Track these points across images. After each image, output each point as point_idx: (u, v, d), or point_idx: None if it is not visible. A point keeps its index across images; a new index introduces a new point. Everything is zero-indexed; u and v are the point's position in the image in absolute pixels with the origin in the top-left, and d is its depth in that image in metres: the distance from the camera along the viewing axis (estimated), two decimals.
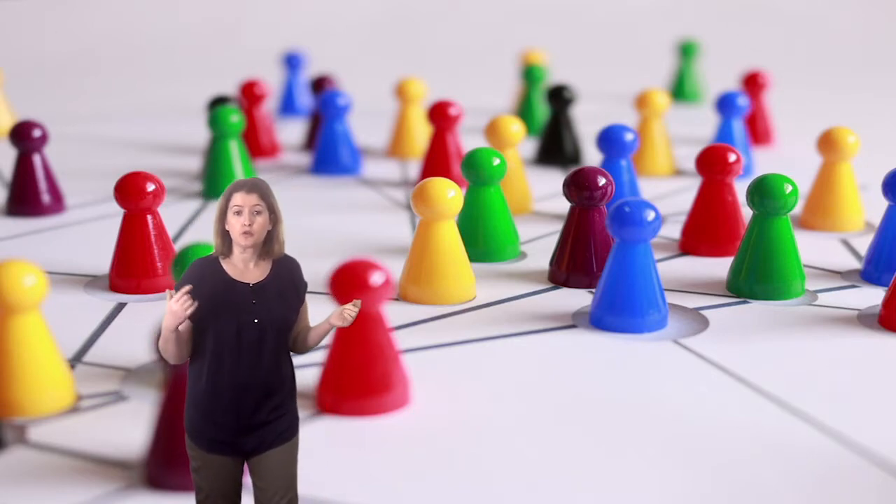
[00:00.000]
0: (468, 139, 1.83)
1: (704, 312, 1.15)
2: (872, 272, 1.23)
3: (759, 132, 2.02)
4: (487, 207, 1.31)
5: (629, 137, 1.47)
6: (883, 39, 3.47)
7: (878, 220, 1.29)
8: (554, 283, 1.24)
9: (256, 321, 0.67)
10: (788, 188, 1.17)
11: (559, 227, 1.36)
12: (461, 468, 0.83)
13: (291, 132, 2.15)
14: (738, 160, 1.33)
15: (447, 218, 1.17)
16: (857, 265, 1.30)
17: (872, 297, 1.19)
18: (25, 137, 1.50)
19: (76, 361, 1.02)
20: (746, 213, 1.25)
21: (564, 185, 1.22)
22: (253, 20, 3.58)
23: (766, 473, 0.81)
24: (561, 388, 0.97)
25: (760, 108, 2.04)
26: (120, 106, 2.54)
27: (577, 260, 1.22)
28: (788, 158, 1.89)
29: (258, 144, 1.90)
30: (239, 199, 0.67)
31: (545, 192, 1.63)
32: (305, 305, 0.70)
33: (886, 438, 0.87)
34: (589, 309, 1.13)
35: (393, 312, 1.10)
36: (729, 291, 1.20)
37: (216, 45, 3.40)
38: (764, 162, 1.83)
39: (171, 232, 1.37)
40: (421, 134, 1.91)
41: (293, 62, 2.38)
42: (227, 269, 0.68)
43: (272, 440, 0.68)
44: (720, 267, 1.28)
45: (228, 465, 0.69)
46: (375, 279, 0.90)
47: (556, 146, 1.87)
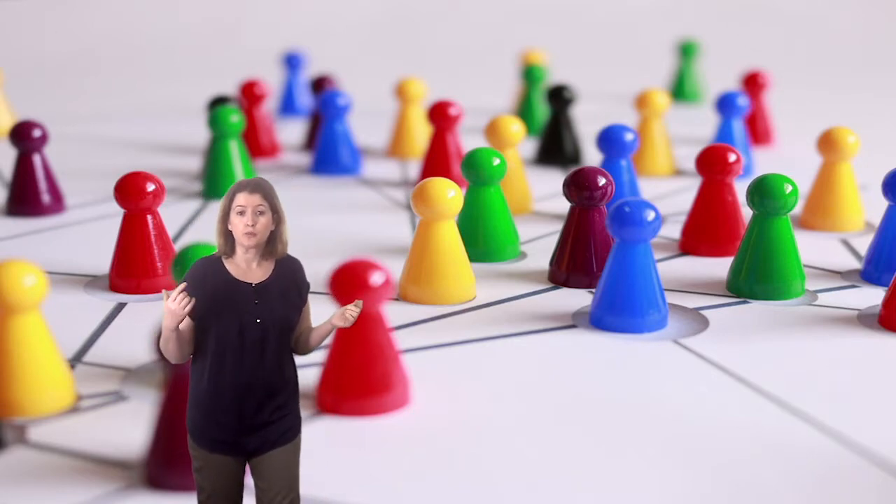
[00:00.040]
0: (468, 139, 1.83)
1: (704, 312, 1.15)
2: (872, 272, 1.23)
3: (759, 132, 2.02)
4: (487, 207, 1.31)
5: (629, 137, 1.47)
6: (883, 39, 3.47)
7: (878, 220, 1.29)
8: (554, 283, 1.24)
9: (259, 321, 0.67)
10: (788, 188, 1.17)
11: (559, 227, 1.36)
12: (461, 468, 0.83)
13: (291, 132, 2.15)
14: (738, 160, 1.33)
15: (447, 218, 1.17)
16: (857, 265, 1.30)
17: (872, 297, 1.19)
18: (25, 137, 1.50)
19: (76, 361, 1.02)
20: (746, 213, 1.25)
21: (564, 185, 1.22)
22: (253, 20, 3.58)
23: (766, 473, 0.81)
24: (561, 388, 0.97)
25: (760, 108, 2.04)
26: (120, 106, 2.54)
27: (577, 260, 1.22)
28: (788, 158, 1.89)
29: (258, 144, 1.90)
30: (242, 199, 0.67)
31: (545, 192, 1.63)
32: (308, 306, 0.70)
33: (886, 438, 0.87)
34: (589, 309, 1.13)
35: (393, 312, 1.10)
36: (729, 291, 1.20)
37: (216, 45, 3.40)
38: (764, 162, 1.83)
39: (171, 232, 1.37)
40: (421, 134, 1.91)
41: (293, 62, 2.38)
42: (229, 268, 0.68)
43: (275, 440, 0.68)
44: (720, 267, 1.28)
45: (230, 465, 0.68)
46: (375, 279, 0.90)
47: (556, 146, 1.87)
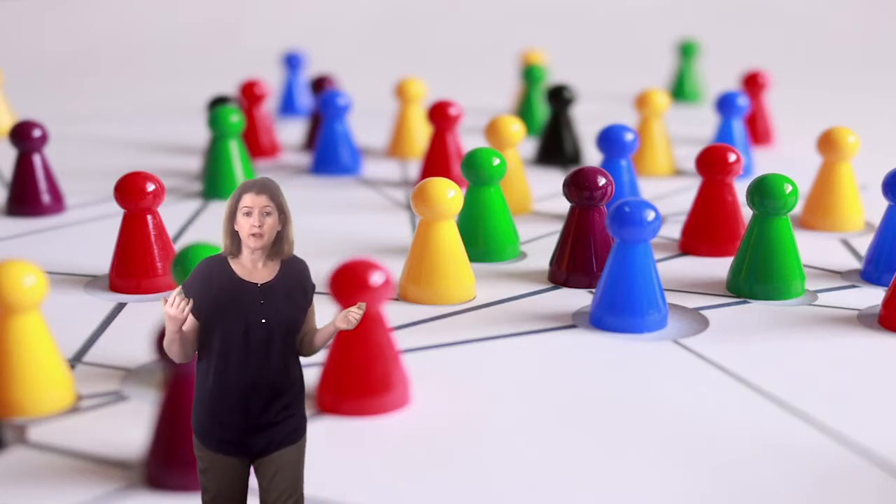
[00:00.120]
0: (468, 139, 1.83)
1: (704, 312, 1.15)
2: (872, 272, 1.23)
3: (759, 132, 2.02)
4: (487, 207, 1.31)
5: (629, 137, 1.47)
6: (883, 39, 3.47)
7: (878, 220, 1.29)
8: (554, 283, 1.24)
9: (264, 321, 0.67)
10: (788, 188, 1.17)
11: (559, 227, 1.36)
12: (461, 468, 0.83)
13: (291, 132, 2.15)
14: (738, 160, 1.33)
15: (447, 218, 1.17)
16: (857, 265, 1.30)
17: (872, 297, 1.19)
18: (25, 137, 1.50)
19: (76, 361, 1.02)
20: (746, 213, 1.25)
21: (564, 185, 1.22)
22: (253, 20, 3.58)
23: (766, 473, 0.81)
24: (561, 388, 0.97)
25: (760, 108, 2.04)
26: (120, 106, 2.54)
27: (577, 260, 1.22)
28: (788, 158, 1.89)
29: (258, 144, 1.90)
30: (249, 200, 0.67)
31: (545, 192, 1.63)
32: (313, 307, 0.70)
33: (886, 438, 0.87)
34: (589, 309, 1.13)
35: (393, 312, 1.10)
36: (729, 291, 1.20)
37: (216, 45, 3.40)
38: (764, 162, 1.83)
39: (171, 232, 1.37)
40: (421, 134, 1.91)
41: (293, 62, 2.38)
42: (235, 268, 0.68)
43: (280, 441, 0.68)
44: (720, 267, 1.28)
45: (235, 465, 0.68)
46: (375, 279, 0.90)
47: (556, 146, 1.87)
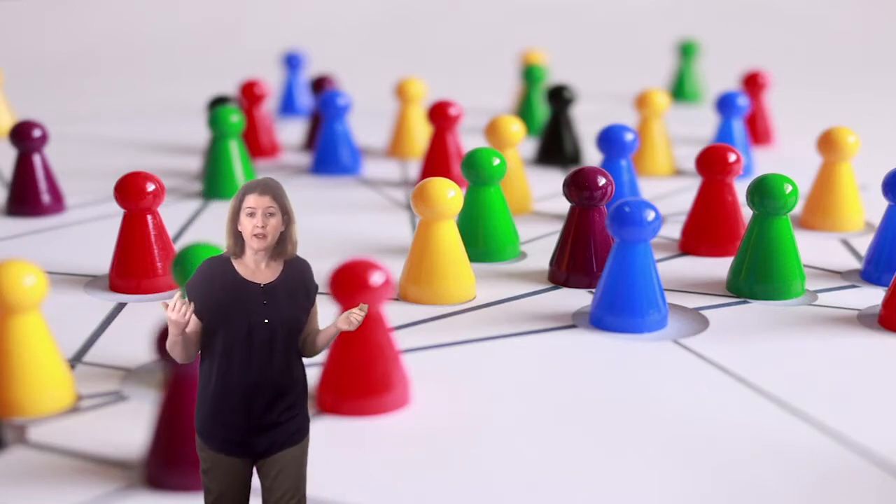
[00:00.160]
0: (468, 139, 1.83)
1: (704, 312, 1.15)
2: (872, 272, 1.23)
3: (759, 132, 2.02)
4: (487, 207, 1.31)
5: (629, 137, 1.47)
6: (883, 39, 3.47)
7: (878, 220, 1.29)
8: (554, 283, 1.24)
9: (267, 321, 0.67)
10: (788, 188, 1.17)
11: (559, 227, 1.36)
12: (461, 468, 0.83)
13: (291, 132, 2.15)
14: (738, 160, 1.33)
15: (447, 218, 1.17)
16: (857, 265, 1.30)
17: (872, 297, 1.19)
18: (25, 137, 1.50)
19: (76, 361, 1.02)
20: (746, 213, 1.25)
21: (564, 185, 1.22)
22: (253, 20, 3.58)
23: (766, 473, 0.81)
24: (561, 388, 0.97)
25: (760, 108, 2.04)
26: (120, 106, 2.54)
27: (577, 260, 1.22)
28: (788, 158, 1.89)
29: (258, 144, 1.90)
30: (252, 200, 0.67)
31: (545, 192, 1.63)
32: (315, 308, 0.70)
33: (886, 438, 0.87)
34: (589, 309, 1.13)
35: (393, 312, 1.10)
36: (729, 291, 1.20)
37: (216, 45, 3.40)
38: (764, 162, 1.83)
39: (171, 232, 1.37)
40: (421, 134, 1.91)
41: (293, 62, 2.38)
42: (238, 269, 0.68)
43: (283, 441, 0.68)
44: (720, 267, 1.28)
45: (238, 466, 0.68)
46: (375, 279, 0.90)
47: (556, 146, 1.87)
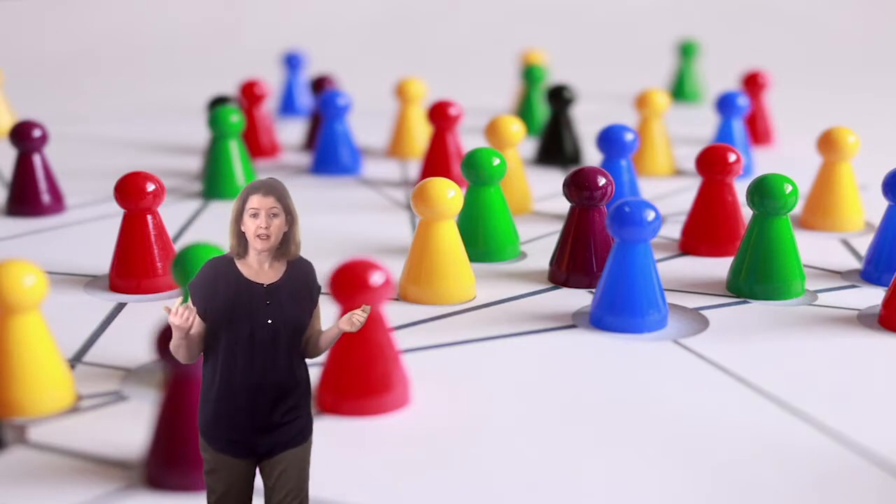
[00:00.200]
0: (468, 139, 1.83)
1: (704, 312, 1.15)
2: (872, 272, 1.23)
3: (759, 132, 2.02)
4: (487, 207, 1.31)
5: (629, 137, 1.47)
6: (883, 39, 3.47)
7: (878, 220, 1.29)
8: (554, 283, 1.24)
9: (270, 322, 0.67)
10: (788, 188, 1.17)
11: (559, 227, 1.36)
12: (461, 468, 0.83)
13: (291, 132, 2.15)
14: (738, 160, 1.33)
15: (447, 218, 1.17)
16: (857, 265, 1.30)
17: (872, 297, 1.19)
18: (25, 137, 1.50)
19: (76, 361, 1.02)
20: (746, 213, 1.25)
21: (564, 185, 1.22)
22: (253, 20, 3.58)
23: (766, 473, 0.81)
24: (561, 388, 0.97)
25: (760, 108, 2.04)
26: (120, 106, 2.54)
27: (577, 260, 1.22)
28: (788, 158, 1.89)
29: (258, 144, 1.90)
30: (255, 201, 0.67)
31: (545, 192, 1.63)
32: (318, 308, 0.70)
33: (886, 438, 0.87)
34: (589, 309, 1.13)
35: (393, 312, 1.10)
36: (729, 291, 1.20)
37: (216, 45, 3.40)
38: (764, 162, 1.83)
39: (171, 232, 1.37)
40: (421, 134, 1.91)
41: (293, 62, 2.38)
42: (241, 269, 0.68)
43: (286, 442, 0.68)
44: (720, 267, 1.28)
45: (242, 466, 0.68)
46: (375, 279, 0.90)
47: (556, 146, 1.87)
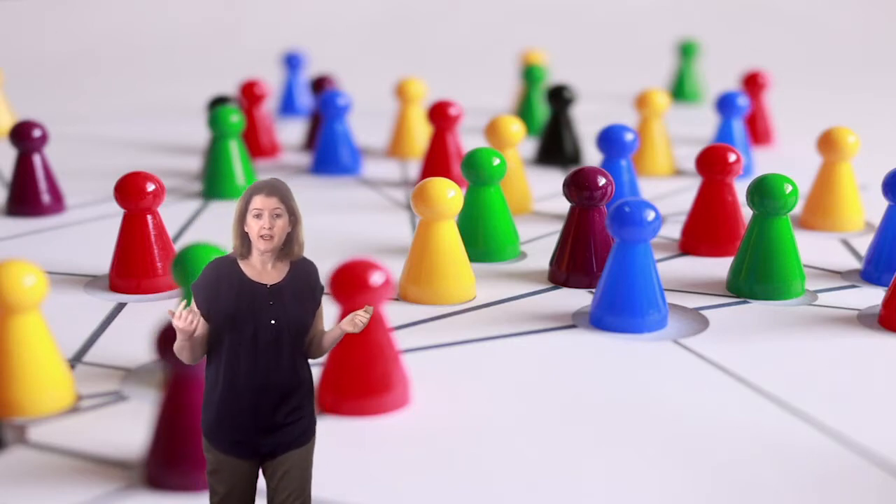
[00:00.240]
0: (468, 139, 1.83)
1: (704, 312, 1.15)
2: (872, 272, 1.23)
3: (759, 132, 2.02)
4: (487, 207, 1.31)
5: (629, 137, 1.47)
6: (883, 39, 3.47)
7: (878, 220, 1.29)
8: (554, 283, 1.24)
9: (273, 322, 0.67)
10: (788, 188, 1.17)
11: (559, 227, 1.36)
12: (461, 468, 0.83)
13: (291, 132, 2.15)
14: (738, 160, 1.33)
15: (447, 218, 1.17)
16: (857, 265, 1.30)
17: (872, 297, 1.19)
18: (25, 137, 1.50)
19: (76, 361, 1.02)
20: (746, 213, 1.25)
21: (564, 185, 1.22)
22: (253, 20, 3.58)
23: (766, 473, 0.81)
24: (561, 388, 0.97)
25: (760, 108, 2.04)
26: (120, 106, 2.54)
27: (577, 260, 1.22)
28: (788, 158, 1.89)
29: (258, 144, 1.90)
30: (258, 202, 0.67)
31: (545, 192, 1.63)
32: (321, 309, 0.70)
33: (886, 438, 0.87)
34: (589, 309, 1.13)
35: (393, 312, 1.10)
36: (729, 291, 1.20)
37: (216, 45, 3.40)
38: (764, 162, 1.83)
39: (171, 232, 1.37)
40: (421, 134, 1.91)
41: (293, 62, 2.38)
42: (245, 269, 0.68)
43: (289, 443, 0.68)
44: (720, 267, 1.28)
45: (245, 467, 0.68)
46: (375, 279, 0.90)
47: (556, 146, 1.87)
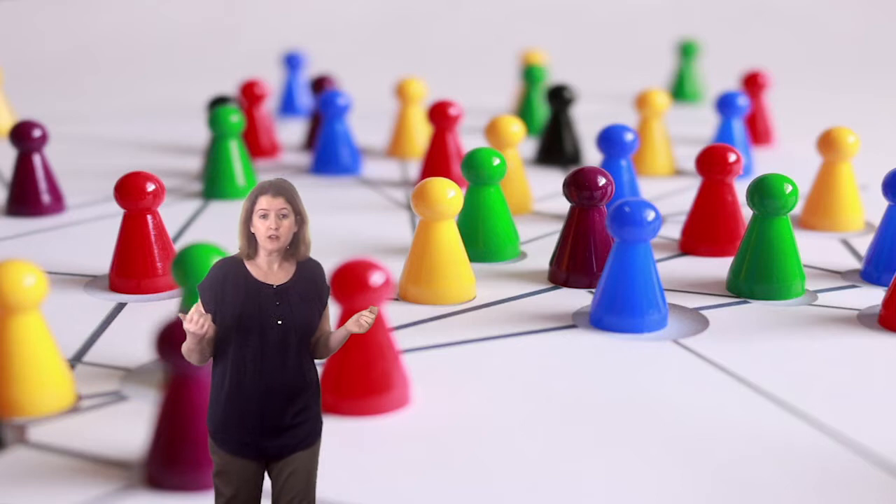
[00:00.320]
0: (468, 139, 1.83)
1: (704, 312, 1.15)
2: (872, 272, 1.23)
3: (759, 132, 2.02)
4: (487, 207, 1.31)
5: (629, 137, 1.47)
6: (883, 39, 3.47)
7: (878, 220, 1.29)
8: (554, 283, 1.24)
9: (280, 323, 0.67)
10: (788, 188, 1.17)
11: (559, 227, 1.36)
12: (461, 468, 0.83)
13: (291, 132, 2.15)
14: (738, 160, 1.33)
15: (447, 218, 1.17)
16: (857, 265, 1.30)
17: (872, 297, 1.19)
18: (25, 137, 1.50)
19: (76, 361, 1.02)
20: (746, 213, 1.25)
21: (564, 185, 1.22)
22: (253, 20, 3.58)
23: (766, 473, 0.81)
24: (561, 388, 0.97)
25: (760, 108, 2.04)
26: (120, 106, 2.54)
27: (577, 260, 1.22)
28: (788, 158, 1.89)
29: (258, 144, 1.90)
30: (265, 202, 0.67)
31: (545, 192, 1.63)
32: (327, 309, 0.70)
33: (886, 438, 0.87)
34: (589, 309, 1.13)
35: (393, 312, 1.10)
36: (729, 291, 1.20)
37: (216, 45, 3.40)
38: (764, 162, 1.83)
39: (171, 232, 1.37)
40: (421, 134, 1.91)
41: (293, 62, 2.38)
42: (251, 270, 0.68)
43: (295, 444, 0.68)
44: (720, 267, 1.28)
45: (251, 469, 0.68)
46: (375, 279, 0.90)
47: (556, 146, 1.87)
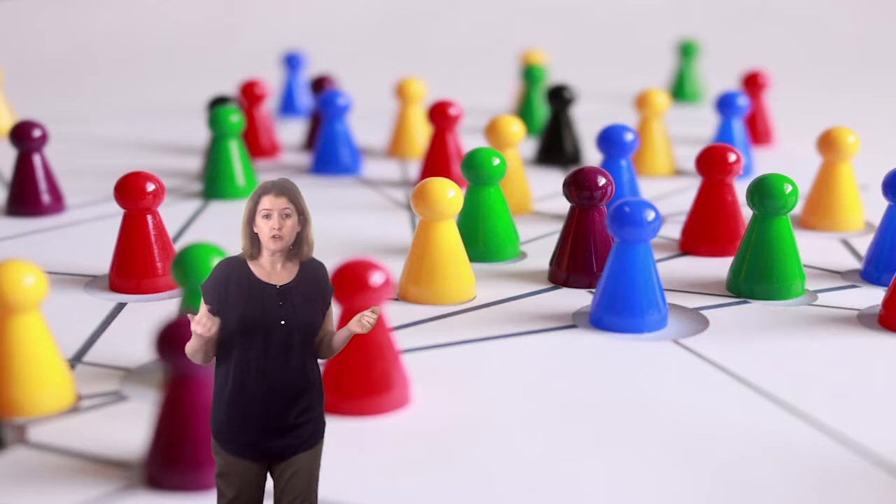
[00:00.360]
0: (468, 139, 1.83)
1: (704, 312, 1.15)
2: (872, 272, 1.23)
3: (759, 132, 2.02)
4: (487, 207, 1.31)
5: (629, 137, 1.47)
6: (883, 39, 3.47)
7: (878, 220, 1.29)
8: (554, 283, 1.24)
9: (283, 323, 0.67)
10: (788, 188, 1.17)
11: (559, 227, 1.36)
12: (461, 468, 0.83)
13: (291, 132, 2.15)
14: (738, 160, 1.33)
15: (447, 218, 1.17)
16: (857, 265, 1.30)
17: (872, 297, 1.19)
18: (25, 137, 1.50)
19: (76, 361, 1.02)
20: (746, 213, 1.25)
21: (564, 185, 1.22)
22: (253, 20, 3.58)
23: (766, 473, 0.81)
24: (561, 388, 0.97)
25: (760, 108, 2.04)
26: (120, 106, 2.54)
27: (577, 260, 1.22)
28: (788, 158, 1.89)
29: (258, 144, 1.90)
30: (268, 202, 0.67)
31: (545, 192, 1.63)
32: (331, 310, 0.70)
33: (886, 438, 0.87)
34: (589, 309, 1.13)
35: (393, 312, 1.10)
36: (729, 291, 1.20)
37: (216, 45, 3.40)
38: (764, 162, 1.83)
39: (171, 232, 1.37)
40: (421, 134, 1.91)
41: (293, 62, 2.38)
42: (254, 270, 0.68)
43: (298, 445, 0.68)
44: (720, 267, 1.28)
45: (253, 470, 0.68)
46: (375, 279, 0.90)
47: (556, 146, 1.87)
